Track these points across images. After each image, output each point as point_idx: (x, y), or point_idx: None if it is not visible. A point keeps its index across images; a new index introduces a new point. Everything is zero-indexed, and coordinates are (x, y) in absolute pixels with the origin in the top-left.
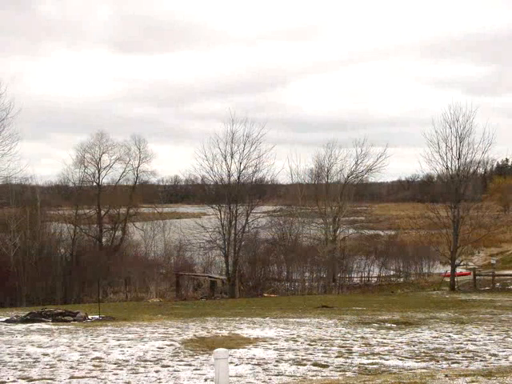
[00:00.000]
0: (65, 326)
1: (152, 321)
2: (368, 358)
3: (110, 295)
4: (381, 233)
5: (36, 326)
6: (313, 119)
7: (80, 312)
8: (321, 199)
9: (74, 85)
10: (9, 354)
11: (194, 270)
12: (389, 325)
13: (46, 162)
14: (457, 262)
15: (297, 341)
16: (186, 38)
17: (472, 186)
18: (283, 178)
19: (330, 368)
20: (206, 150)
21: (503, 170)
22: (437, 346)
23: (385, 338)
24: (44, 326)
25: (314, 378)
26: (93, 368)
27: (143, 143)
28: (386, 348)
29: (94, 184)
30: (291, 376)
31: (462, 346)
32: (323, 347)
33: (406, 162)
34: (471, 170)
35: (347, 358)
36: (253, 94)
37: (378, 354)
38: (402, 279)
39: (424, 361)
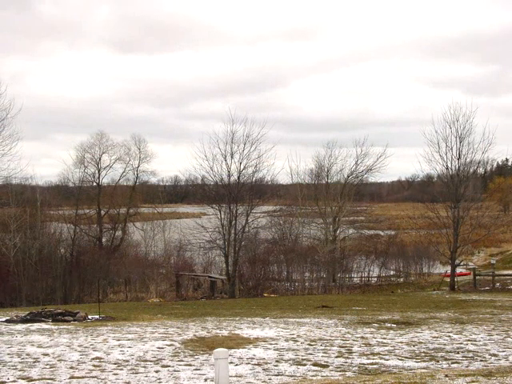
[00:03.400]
0: (65, 326)
1: (152, 321)
2: (368, 358)
3: (110, 295)
4: (381, 233)
5: (36, 326)
6: (313, 119)
7: (80, 312)
8: (321, 199)
9: (74, 85)
10: (9, 354)
11: (194, 270)
12: (389, 325)
13: (46, 162)
14: (457, 262)
15: (297, 341)
16: (186, 37)
17: (472, 186)
18: (283, 178)
19: (330, 368)
20: (206, 150)
21: (503, 170)
22: (437, 346)
23: (385, 338)
24: (44, 325)
25: (314, 378)
26: (93, 368)
27: (143, 143)
28: (386, 348)
29: (94, 184)
30: (291, 376)
31: (462, 345)
32: (323, 347)
33: (406, 161)
34: (471, 170)
35: (347, 358)
36: (253, 93)
37: (378, 353)
38: (401, 279)
39: (424, 361)
